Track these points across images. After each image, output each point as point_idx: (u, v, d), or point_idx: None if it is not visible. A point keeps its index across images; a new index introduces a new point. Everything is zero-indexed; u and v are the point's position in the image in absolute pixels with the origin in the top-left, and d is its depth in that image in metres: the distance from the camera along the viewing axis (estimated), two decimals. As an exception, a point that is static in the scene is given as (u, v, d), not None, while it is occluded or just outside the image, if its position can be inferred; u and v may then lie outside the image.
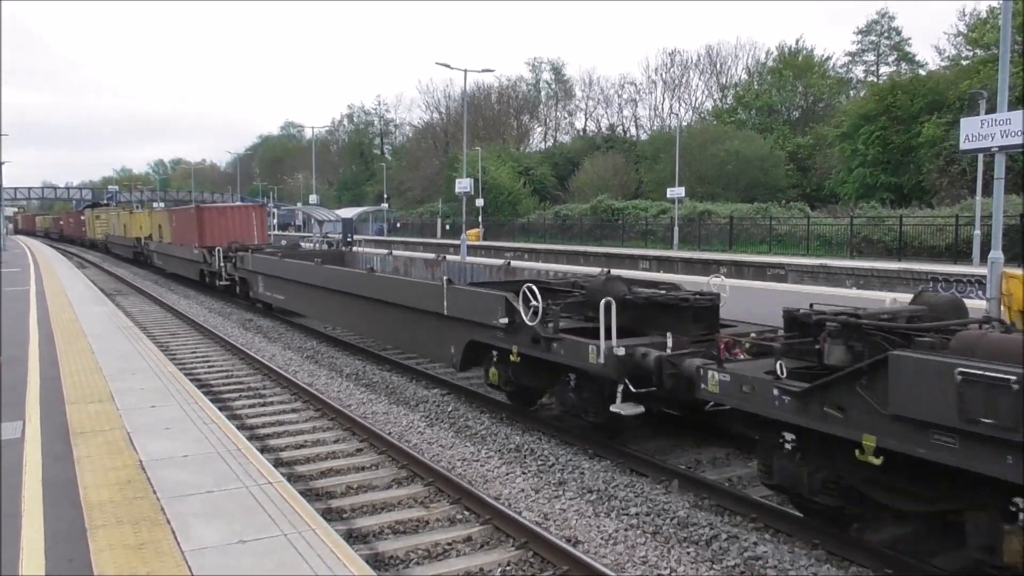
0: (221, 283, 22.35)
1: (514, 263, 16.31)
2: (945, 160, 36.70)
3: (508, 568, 5.98)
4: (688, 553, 6.18)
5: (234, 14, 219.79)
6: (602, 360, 7.67)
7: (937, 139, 37.29)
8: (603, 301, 7.73)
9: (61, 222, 79.84)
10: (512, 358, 9.19)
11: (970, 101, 31.70)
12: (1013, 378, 4.40)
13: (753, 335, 6.92)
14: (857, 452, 5.33)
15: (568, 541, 6.31)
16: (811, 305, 6.70)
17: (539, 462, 8.37)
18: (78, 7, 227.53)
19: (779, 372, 5.91)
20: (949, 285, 22.90)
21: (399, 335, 12.47)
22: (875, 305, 7.16)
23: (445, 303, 10.41)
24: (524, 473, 8.07)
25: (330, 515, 6.92)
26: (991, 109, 21.74)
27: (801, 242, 35.06)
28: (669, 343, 7.47)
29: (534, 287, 8.82)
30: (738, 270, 30.34)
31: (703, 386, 6.57)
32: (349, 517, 6.99)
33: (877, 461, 5.23)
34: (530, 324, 8.64)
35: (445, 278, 10.74)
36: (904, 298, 8.28)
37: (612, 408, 7.66)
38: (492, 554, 6.20)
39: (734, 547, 6.21)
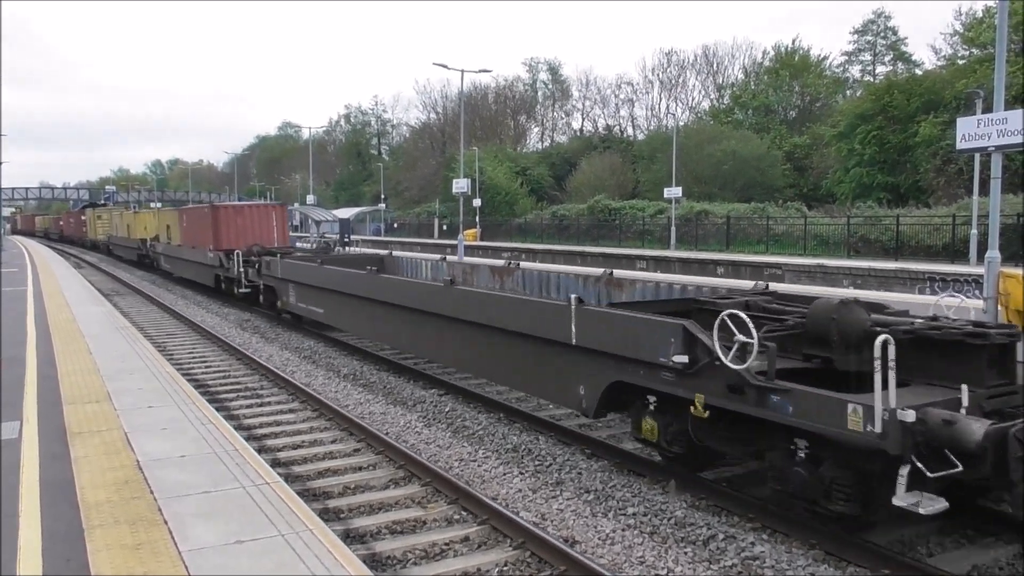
0: (241, 290, 20.25)
1: (524, 264, 15.81)
2: (942, 160, 36.78)
3: (506, 568, 5.98)
4: (686, 553, 6.18)
5: (231, 15, 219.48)
6: (877, 428, 5.22)
7: (934, 139, 37.37)
8: (879, 340, 5.34)
9: (61, 222, 77.80)
10: (694, 411, 6.70)
11: (967, 100, 31.76)
12: None
13: None
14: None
15: (565, 541, 6.32)
16: None
17: (536, 462, 8.37)
18: (76, 7, 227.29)
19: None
20: (946, 284, 22.94)
21: (498, 366, 9.71)
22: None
23: (573, 329, 7.87)
24: (522, 473, 8.07)
25: (327, 515, 6.92)
26: (988, 108, 21.79)
27: (798, 242, 35.11)
28: (965, 400, 5.41)
29: (741, 314, 6.25)
30: (735, 270, 30.37)
31: None
32: (346, 517, 6.99)
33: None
34: (733, 366, 6.11)
35: (574, 296, 8.02)
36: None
37: (896, 501, 5.18)
38: (490, 554, 6.21)
39: (731, 547, 6.22)
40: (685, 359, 6.58)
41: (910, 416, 5.12)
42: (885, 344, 5.32)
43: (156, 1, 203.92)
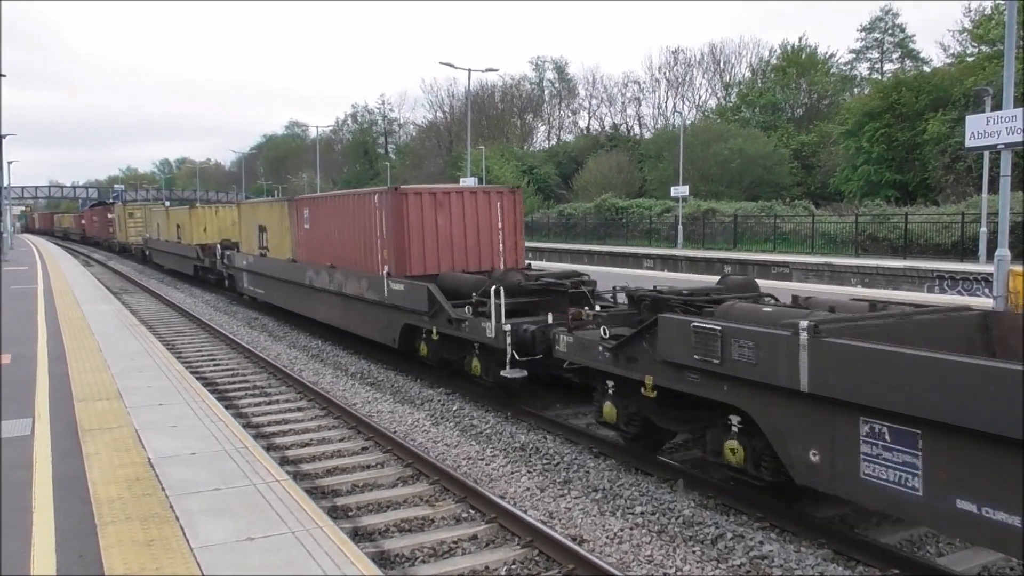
0: (508, 375, 9.61)
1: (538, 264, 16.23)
2: (950, 157, 36.58)
3: (514, 567, 5.99)
4: (694, 552, 6.19)
5: (239, 14, 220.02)
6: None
7: (942, 136, 37.16)
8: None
9: (83, 221, 66.99)
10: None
11: (975, 98, 31.60)
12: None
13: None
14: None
15: (573, 540, 6.33)
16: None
17: (544, 461, 8.39)
18: (82, 5, 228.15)
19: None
20: (955, 283, 22.84)
21: None
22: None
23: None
24: (529, 472, 8.08)
25: (336, 513, 6.95)
26: (996, 106, 21.67)
27: (806, 240, 34.99)
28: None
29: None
30: (742, 269, 30.30)
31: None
32: (355, 515, 7.02)
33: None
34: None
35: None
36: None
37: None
38: (498, 552, 6.22)
39: (740, 546, 6.22)
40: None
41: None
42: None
43: (164, 1, 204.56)
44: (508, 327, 9.40)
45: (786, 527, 6.50)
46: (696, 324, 6.44)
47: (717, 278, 9.69)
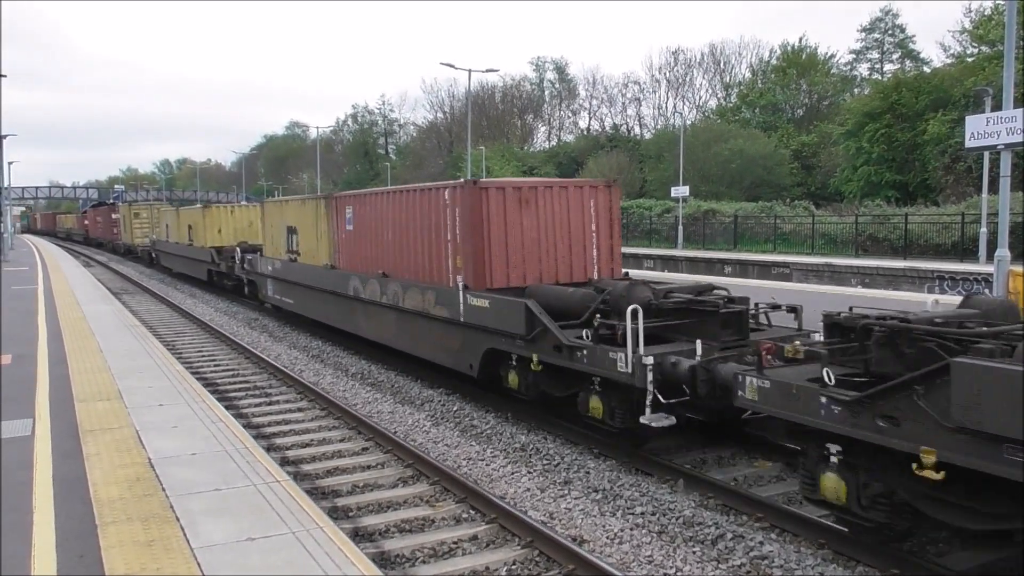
0: (652, 422, 7.78)
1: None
2: (950, 157, 36.57)
3: (514, 567, 6.00)
4: (694, 552, 6.19)
5: (238, 14, 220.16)
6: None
7: (942, 136, 37.16)
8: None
9: (86, 221, 64.40)
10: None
11: (975, 98, 31.60)
12: None
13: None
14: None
15: (574, 540, 6.33)
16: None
17: (544, 461, 8.39)
18: (81, 6, 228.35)
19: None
20: (956, 283, 22.85)
21: None
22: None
23: None
24: (530, 472, 8.09)
25: (336, 513, 6.95)
26: (996, 106, 21.68)
27: (806, 240, 34.99)
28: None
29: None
30: (743, 269, 30.31)
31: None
32: (355, 516, 7.03)
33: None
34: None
35: None
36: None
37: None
38: (498, 553, 6.23)
39: (740, 546, 6.22)
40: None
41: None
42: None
43: (164, 1, 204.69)
44: (650, 359, 7.30)
45: (786, 527, 6.51)
46: None
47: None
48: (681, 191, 41.28)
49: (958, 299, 7.29)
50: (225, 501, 5.47)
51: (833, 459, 5.79)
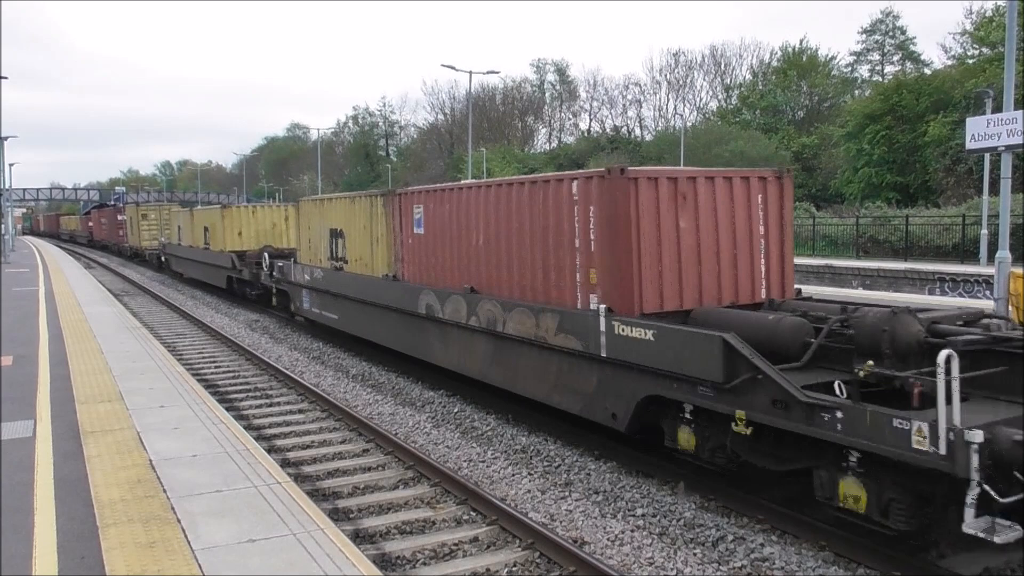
0: (985, 534, 5.06)
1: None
2: (951, 159, 36.58)
3: (515, 569, 6.00)
4: (695, 554, 6.19)
5: (240, 16, 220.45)
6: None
7: (943, 138, 37.17)
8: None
9: (91, 223, 62.57)
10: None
11: (976, 100, 31.59)
12: None
13: None
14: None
15: (575, 542, 6.33)
16: None
17: (545, 463, 8.39)
18: (81, 6, 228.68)
19: None
20: (956, 285, 22.85)
21: None
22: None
23: None
24: (530, 474, 8.09)
25: (337, 515, 6.95)
26: (997, 108, 21.69)
27: (807, 242, 34.98)
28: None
29: None
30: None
31: None
32: (356, 517, 7.03)
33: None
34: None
35: None
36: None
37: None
38: (499, 555, 6.23)
39: (741, 548, 6.22)
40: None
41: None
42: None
43: (164, 1, 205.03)
44: (979, 436, 4.84)
45: (787, 529, 6.50)
46: None
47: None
48: (682, 193, 41.21)
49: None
50: (226, 502, 5.48)
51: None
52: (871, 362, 5.87)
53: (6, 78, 32.93)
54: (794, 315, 7.27)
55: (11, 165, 52.44)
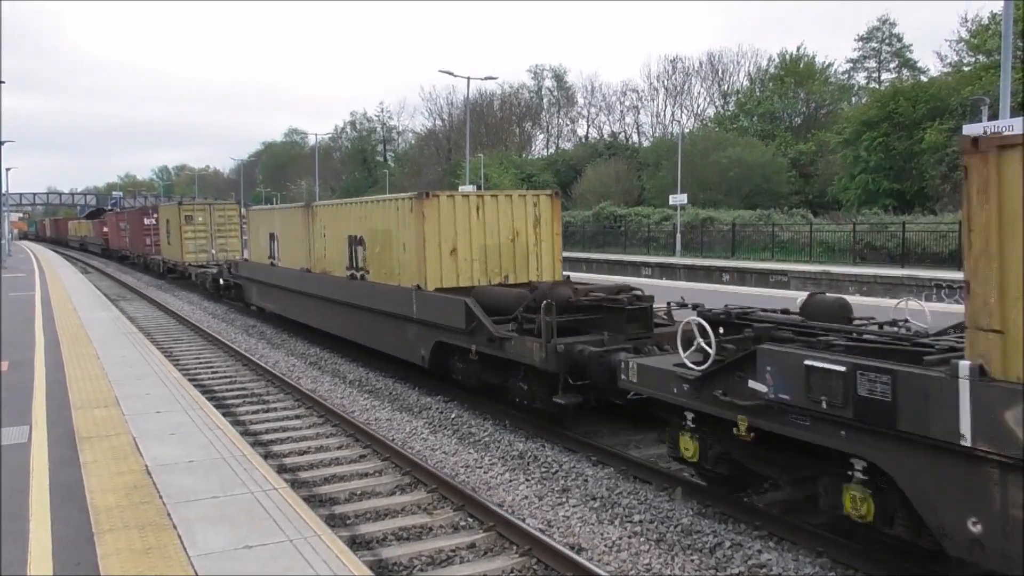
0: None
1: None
2: (948, 166, 36.72)
3: (512, 575, 5.98)
4: (692, 561, 6.18)
5: (236, 21, 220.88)
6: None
7: (940, 145, 37.32)
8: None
9: (106, 228, 50.93)
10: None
11: (972, 107, 31.75)
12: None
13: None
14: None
15: (572, 548, 6.32)
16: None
17: (542, 469, 8.38)
18: (80, 7, 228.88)
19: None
20: (953, 292, 22.90)
21: None
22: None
23: None
24: (527, 480, 8.08)
25: (334, 521, 6.93)
26: (993, 115, 21.78)
27: (804, 249, 35.04)
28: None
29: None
30: (741, 277, 30.35)
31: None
32: (353, 523, 7.01)
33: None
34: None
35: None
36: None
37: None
38: (496, 561, 6.21)
39: (738, 555, 6.21)
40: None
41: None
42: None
43: (162, 1, 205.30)
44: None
45: (784, 535, 6.50)
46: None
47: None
48: (679, 199, 41.35)
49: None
50: (222, 508, 5.46)
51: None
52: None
53: (3, 82, 32.89)
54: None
55: (8, 170, 52.19)
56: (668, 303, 9.42)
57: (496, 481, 8.07)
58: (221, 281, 23.57)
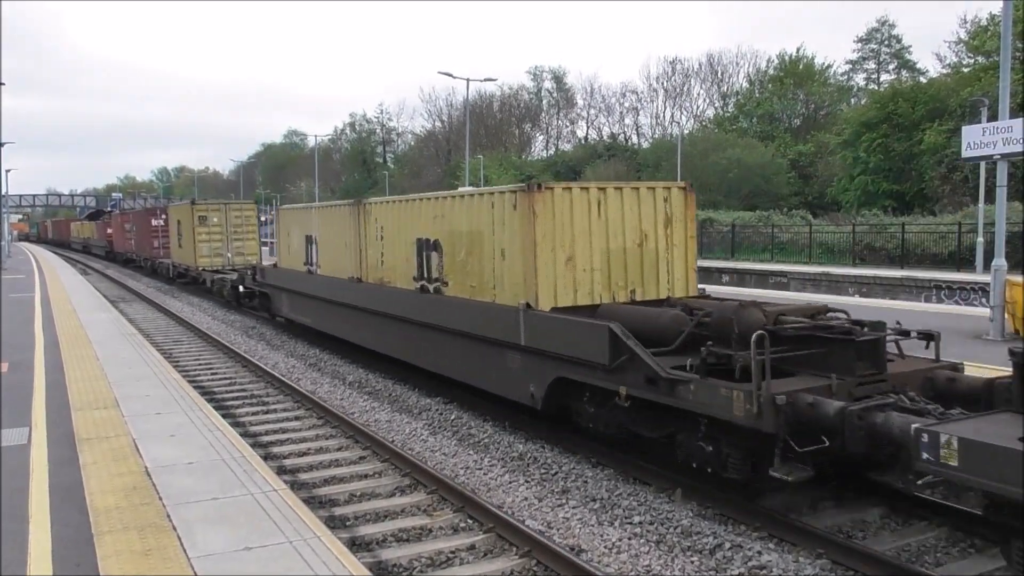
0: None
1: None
2: (947, 167, 36.74)
3: (512, 576, 5.98)
4: (692, 562, 6.18)
5: (235, 21, 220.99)
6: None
7: (939, 146, 37.34)
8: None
9: (110, 230, 48.74)
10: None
11: (972, 108, 31.76)
12: None
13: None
14: None
15: (572, 550, 6.32)
16: None
17: (542, 470, 8.38)
18: (74, 7, 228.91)
19: None
20: (952, 293, 22.92)
21: None
22: None
23: None
24: (527, 481, 8.07)
25: (334, 523, 6.93)
26: (993, 116, 21.79)
27: (803, 250, 35.06)
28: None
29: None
30: (740, 278, 30.36)
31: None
32: (353, 525, 7.00)
33: None
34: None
35: None
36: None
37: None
38: (495, 563, 6.21)
39: (738, 556, 6.21)
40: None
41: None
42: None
43: (162, 1, 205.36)
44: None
45: (784, 537, 6.49)
46: None
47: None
48: (679, 200, 41.30)
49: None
50: (222, 510, 5.46)
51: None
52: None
53: (3, 84, 32.89)
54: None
55: (7, 171, 52.07)
56: (887, 328, 7.07)
57: (496, 482, 8.07)
58: (241, 288, 21.29)
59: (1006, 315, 13.49)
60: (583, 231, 9.17)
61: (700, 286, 10.49)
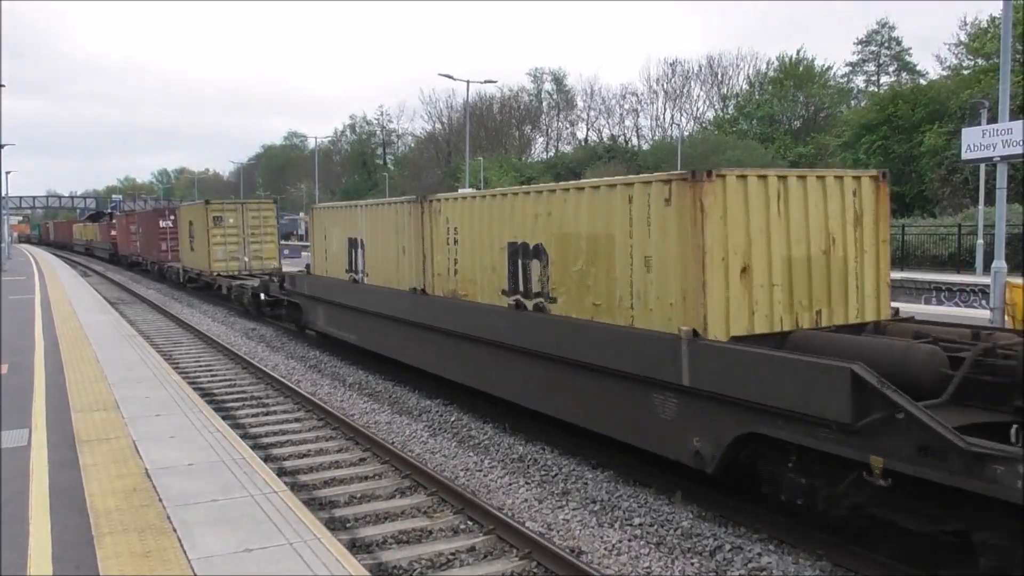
0: None
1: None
2: (947, 169, 36.78)
3: (512, 578, 5.98)
4: (692, 564, 6.18)
5: (235, 23, 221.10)
6: None
7: (939, 148, 37.38)
8: None
9: (113, 232, 46.96)
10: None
11: (971, 110, 31.79)
12: None
13: None
14: None
15: (572, 552, 6.32)
16: None
17: (542, 472, 8.37)
18: (75, 8, 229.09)
19: None
20: (952, 295, 22.91)
21: None
22: None
23: None
24: (527, 483, 8.07)
25: (334, 524, 6.92)
26: (993, 119, 21.81)
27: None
28: None
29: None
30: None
31: None
32: (353, 527, 7.00)
33: None
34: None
35: None
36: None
37: None
38: (496, 564, 6.20)
39: (738, 558, 6.21)
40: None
41: None
42: None
43: (162, 2, 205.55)
44: None
45: (784, 539, 6.49)
46: None
47: None
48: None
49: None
50: (222, 512, 5.46)
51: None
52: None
53: (4, 86, 32.90)
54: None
55: (7, 173, 52.03)
56: None
57: (496, 484, 8.07)
58: (263, 296, 19.44)
59: (1006, 317, 13.48)
60: (760, 231, 7.03)
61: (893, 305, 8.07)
